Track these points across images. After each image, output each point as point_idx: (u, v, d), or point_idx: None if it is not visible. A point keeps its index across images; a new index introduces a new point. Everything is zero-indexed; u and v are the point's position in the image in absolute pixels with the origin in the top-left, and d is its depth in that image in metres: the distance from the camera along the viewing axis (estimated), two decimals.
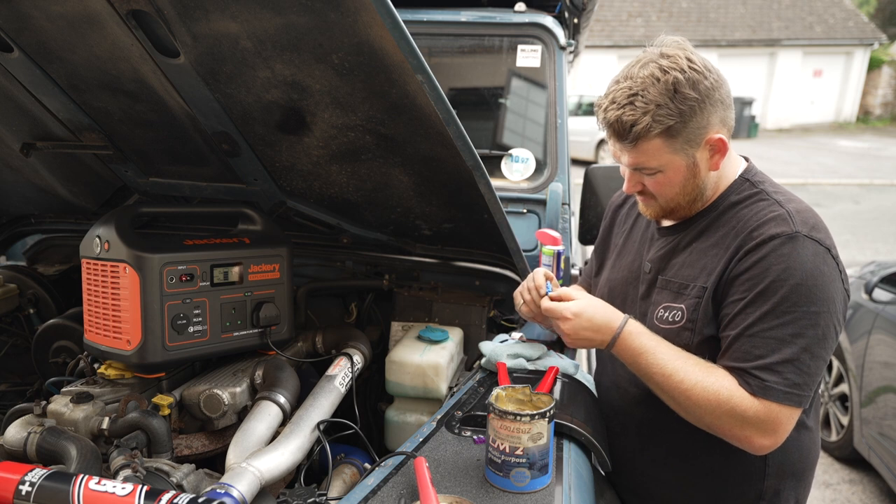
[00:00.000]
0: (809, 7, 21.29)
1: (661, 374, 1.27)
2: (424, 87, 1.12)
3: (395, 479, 1.14)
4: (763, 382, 1.19)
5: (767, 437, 1.21)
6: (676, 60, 1.22)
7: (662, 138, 1.25)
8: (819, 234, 1.24)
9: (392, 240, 1.96)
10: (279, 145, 1.53)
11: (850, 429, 3.62)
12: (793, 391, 1.19)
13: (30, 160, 1.78)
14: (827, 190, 11.91)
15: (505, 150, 2.34)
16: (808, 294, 1.19)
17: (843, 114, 21.87)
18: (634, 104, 1.23)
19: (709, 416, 1.23)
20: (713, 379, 1.23)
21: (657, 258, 1.43)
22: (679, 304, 1.35)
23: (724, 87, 1.28)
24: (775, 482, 1.38)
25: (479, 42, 2.45)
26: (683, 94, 1.21)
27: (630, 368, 1.34)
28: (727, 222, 1.33)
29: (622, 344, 1.32)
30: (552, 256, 1.90)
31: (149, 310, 1.41)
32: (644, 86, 1.22)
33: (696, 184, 1.33)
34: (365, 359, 1.77)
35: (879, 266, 3.65)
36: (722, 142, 1.28)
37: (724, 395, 1.21)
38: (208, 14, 1.11)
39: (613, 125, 1.27)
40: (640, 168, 1.32)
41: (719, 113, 1.27)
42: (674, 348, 1.30)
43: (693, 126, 1.25)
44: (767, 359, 1.20)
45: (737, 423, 1.21)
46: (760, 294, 1.22)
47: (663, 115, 1.22)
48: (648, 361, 1.29)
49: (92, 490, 1.03)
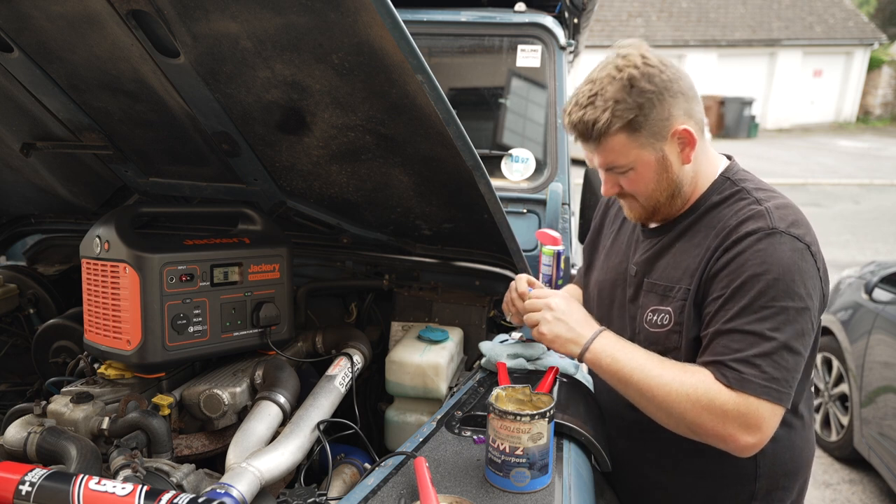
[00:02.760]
0: (809, 7, 21.28)
1: (638, 372, 1.26)
2: (424, 87, 1.12)
3: (395, 479, 1.14)
4: (740, 374, 1.18)
5: (751, 435, 1.19)
6: (630, 58, 1.27)
7: (625, 133, 1.27)
8: (798, 230, 1.24)
9: (392, 240, 1.96)
10: (279, 145, 1.53)
11: (850, 429, 3.62)
12: (771, 385, 1.18)
13: (30, 160, 1.78)
14: (827, 190, 11.91)
15: (505, 150, 2.34)
16: (786, 289, 1.19)
17: (843, 114, 21.87)
18: (595, 104, 1.27)
19: (689, 413, 1.21)
20: (689, 375, 1.23)
21: (642, 261, 1.44)
22: (666, 307, 1.35)
23: (683, 80, 1.30)
24: (767, 482, 1.38)
25: (479, 42, 2.45)
26: (640, 88, 1.24)
27: (606, 378, 1.33)
28: (708, 222, 1.34)
29: (595, 352, 1.32)
30: (552, 256, 1.90)
31: (149, 310, 1.41)
32: (602, 85, 1.27)
33: (671, 178, 1.33)
34: (365, 359, 1.77)
35: (879, 266, 3.65)
36: (688, 132, 1.29)
37: (702, 388, 1.20)
38: (208, 14, 1.11)
39: (577, 126, 1.30)
40: (612, 167, 1.34)
41: (681, 105, 1.28)
42: (648, 352, 1.30)
43: (654, 118, 1.26)
44: (745, 352, 1.19)
45: (717, 420, 1.19)
46: (738, 289, 1.21)
47: (622, 110, 1.25)
48: (626, 360, 1.28)
49: (92, 490, 1.03)
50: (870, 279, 3.47)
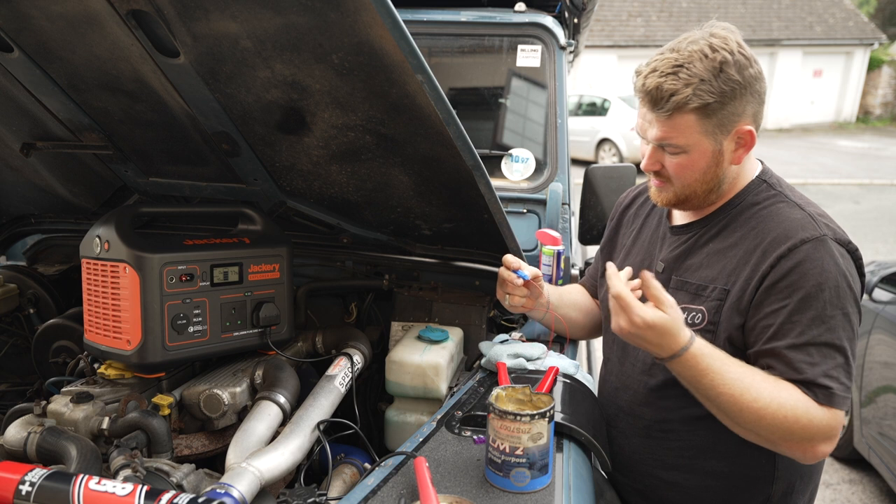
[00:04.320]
0: (809, 7, 21.27)
1: (728, 395, 1.19)
2: (424, 87, 1.12)
3: (395, 479, 1.14)
4: (828, 391, 1.18)
5: (829, 444, 1.21)
6: (727, 42, 1.23)
7: (697, 115, 1.24)
8: (841, 235, 1.26)
9: (392, 240, 1.96)
10: (279, 145, 1.53)
11: (850, 429, 3.62)
12: (847, 395, 1.20)
13: (30, 160, 1.78)
14: (827, 190, 11.91)
15: (505, 150, 2.34)
16: (844, 296, 1.21)
17: (843, 114, 21.86)
18: (678, 75, 1.22)
19: (779, 432, 1.19)
20: (786, 395, 1.19)
21: (671, 258, 1.42)
22: (698, 306, 1.33)
23: (764, 82, 1.28)
24: (784, 485, 1.38)
25: (479, 42, 2.45)
26: (728, 75, 1.21)
27: (687, 386, 1.26)
28: (746, 223, 1.32)
29: (686, 363, 1.22)
30: (552, 256, 1.90)
31: (149, 310, 1.41)
32: (691, 59, 1.22)
33: (717, 173, 1.31)
34: (365, 359, 1.76)
35: (879, 266, 3.64)
36: (751, 135, 1.28)
37: (801, 410, 1.18)
38: (208, 14, 1.11)
39: (651, 92, 1.25)
40: (666, 144, 1.29)
41: (754, 106, 1.27)
42: (739, 364, 1.23)
43: (729, 110, 1.24)
44: (825, 366, 1.19)
45: (807, 435, 1.19)
46: (804, 300, 1.20)
47: (704, 91, 1.21)
48: (714, 381, 1.20)
49: (92, 490, 1.03)
50: (870, 279, 3.46)
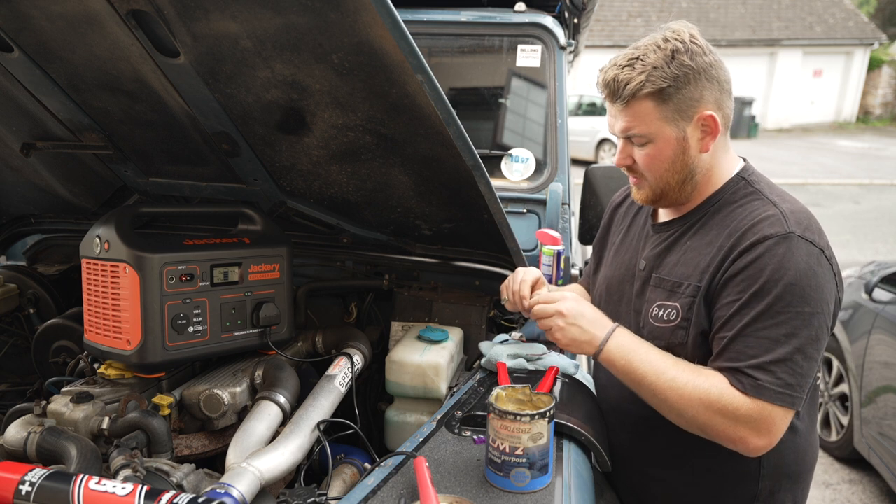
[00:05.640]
0: (809, 7, 21.28)
1: (652, 374, 1.27)
2: (424, 87, 1.12)
3: (395, 479, 1.14)
4: (756, 381, 1.19)
5: (761, 438, 1.21)
6: (680, 33, 1.28)
7: (654, 101, 1.28)
8: (813, 234, 1.24)
9: (392, 240, 1.96)
10: (279, 145, 1.53)
11: (850, 429, 3.62)
12: (785, 391, 1.19)
13: (30, 160, 1.78)
14: (827, 190, 11.91)
15: (505, 150, 2.34)
16: (801, 294, 1.20)
17: (843, 114, 21.87)
18: (633, 66, 1.28)
19: (701, 415, 1.23)
20: (703, 378, 1.24)
21: (652, 256, 1.44)
22: (673, 303, 1.35)
23: (723, 71, 1.31)
24: (770, 483, 1.39)
25: (479, 42, 2.45)
26: (680, 61, 1.26)
27: (620, 377, 1.33)
28: (721, 221, 1.34)
29: (611, 350, 1.32)
30: (552, 256, 1.91)
31: (149, 310, 1.41)
32: (645, 51, 1.28)
33: (686, 162, 1.33)
34: (365, 359, 1.76)
35: (879, 266, 3.65)
36: (713, 119, 1.29)
37: (715, 393, 1.21)
38: (208, 14, 1.11)
39: (609, 84, 1.31)
40: (632, 135, 1.34)
41: (714, 92, 1.29)
42: (662, 352, 1.31)
43: (685, 95, 1.27)
44: (761, 358, 1.20)
45: (729, 423, 1.21)
46: (755, 295, 1.22)
47: (657, 77, 1.26)
48: (640, 360, 1.29)
49: (92, 490, 1.03)
50: (870, 279, 3.47)
